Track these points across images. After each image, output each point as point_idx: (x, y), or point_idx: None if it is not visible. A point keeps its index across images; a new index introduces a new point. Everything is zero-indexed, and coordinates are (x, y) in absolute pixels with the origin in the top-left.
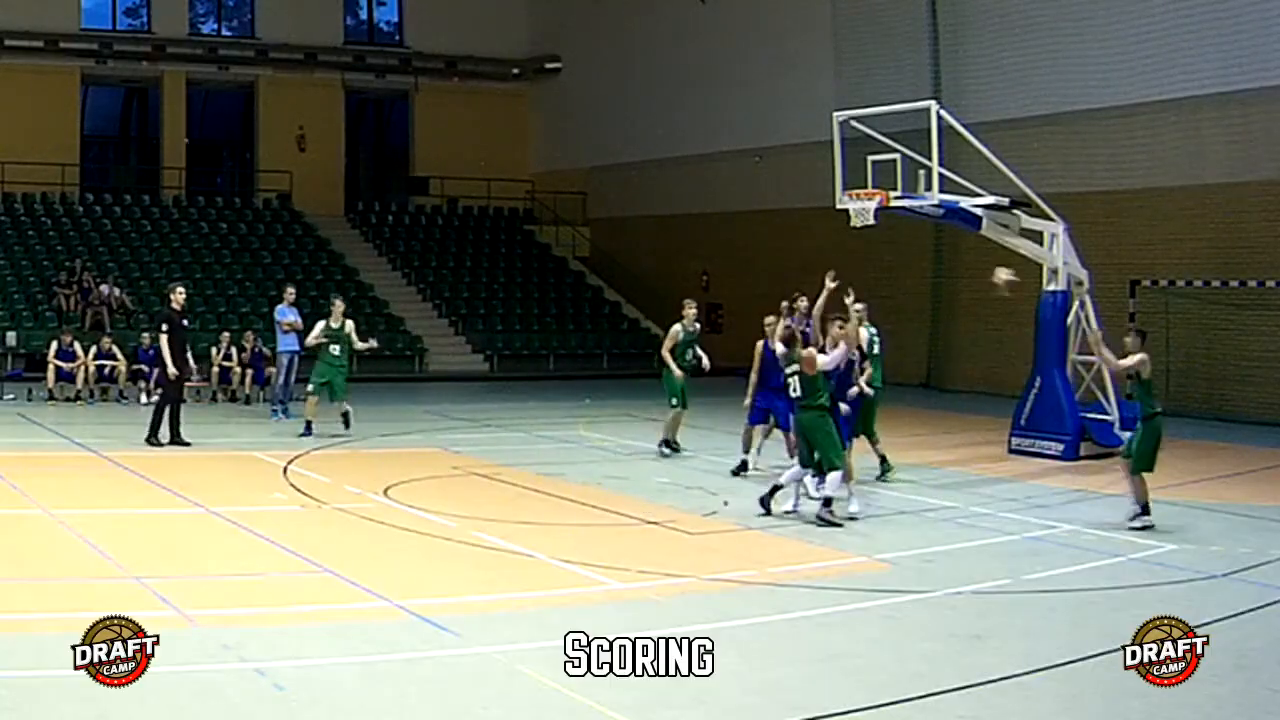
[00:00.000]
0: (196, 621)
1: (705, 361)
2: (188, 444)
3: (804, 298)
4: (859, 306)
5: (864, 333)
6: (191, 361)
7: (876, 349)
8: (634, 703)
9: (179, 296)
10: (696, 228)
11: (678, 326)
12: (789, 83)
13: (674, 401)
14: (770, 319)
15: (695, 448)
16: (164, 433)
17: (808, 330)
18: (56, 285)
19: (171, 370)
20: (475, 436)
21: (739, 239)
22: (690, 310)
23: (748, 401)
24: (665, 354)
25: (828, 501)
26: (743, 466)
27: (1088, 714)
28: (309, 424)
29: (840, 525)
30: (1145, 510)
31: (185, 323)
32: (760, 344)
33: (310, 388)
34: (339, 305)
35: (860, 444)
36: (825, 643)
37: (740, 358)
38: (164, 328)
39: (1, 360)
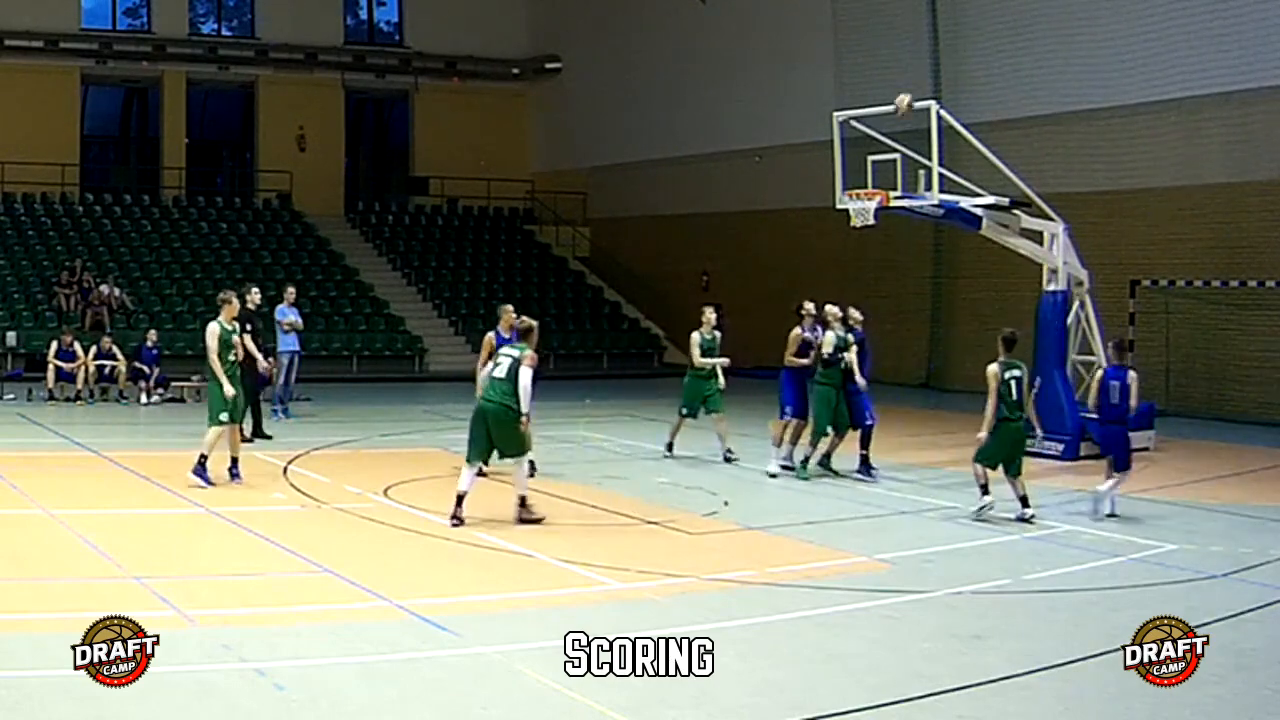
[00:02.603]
0: (196, 621)
1: (721, 376)
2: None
3: (811, 303)
4: (832, 309)
5: (830, 336)
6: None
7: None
8: (634, 703)
9: (254, 297)
10: (696, 228)
11: (696, 334)
12: (789, 83)
13: (684, 410)
14: (509, 307)
15: (697, 449)
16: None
17: (812, 336)
18: (56, 285)
19: (262, 363)
20: None
21: (739, 239)
22: (709, 315)
23: (479, 393)
24: (696, 361)
25: (522, 500)
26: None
27: (1088, 714)
28: (203, 461)
29: (539, 521)
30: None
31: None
32: (491, 335)
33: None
34: (234, 304)
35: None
36: (825, 643)
37: (741, 358)
38: (248, 327)
39: (1, 360)
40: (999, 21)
